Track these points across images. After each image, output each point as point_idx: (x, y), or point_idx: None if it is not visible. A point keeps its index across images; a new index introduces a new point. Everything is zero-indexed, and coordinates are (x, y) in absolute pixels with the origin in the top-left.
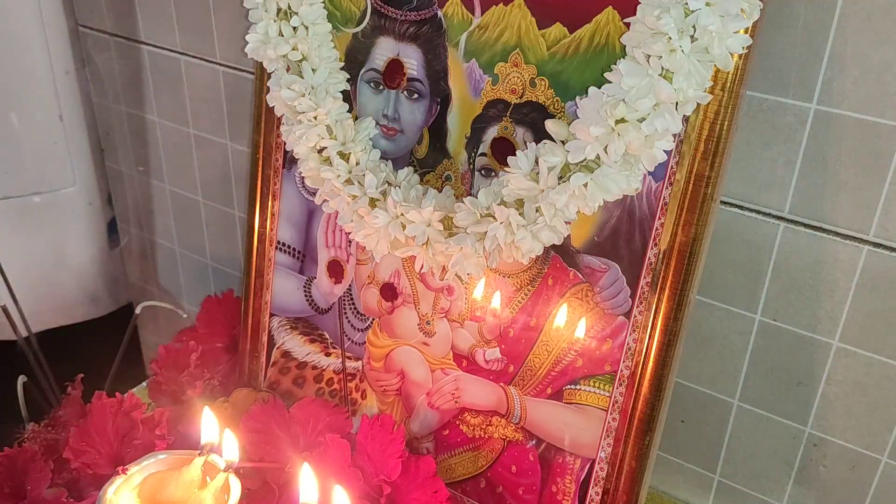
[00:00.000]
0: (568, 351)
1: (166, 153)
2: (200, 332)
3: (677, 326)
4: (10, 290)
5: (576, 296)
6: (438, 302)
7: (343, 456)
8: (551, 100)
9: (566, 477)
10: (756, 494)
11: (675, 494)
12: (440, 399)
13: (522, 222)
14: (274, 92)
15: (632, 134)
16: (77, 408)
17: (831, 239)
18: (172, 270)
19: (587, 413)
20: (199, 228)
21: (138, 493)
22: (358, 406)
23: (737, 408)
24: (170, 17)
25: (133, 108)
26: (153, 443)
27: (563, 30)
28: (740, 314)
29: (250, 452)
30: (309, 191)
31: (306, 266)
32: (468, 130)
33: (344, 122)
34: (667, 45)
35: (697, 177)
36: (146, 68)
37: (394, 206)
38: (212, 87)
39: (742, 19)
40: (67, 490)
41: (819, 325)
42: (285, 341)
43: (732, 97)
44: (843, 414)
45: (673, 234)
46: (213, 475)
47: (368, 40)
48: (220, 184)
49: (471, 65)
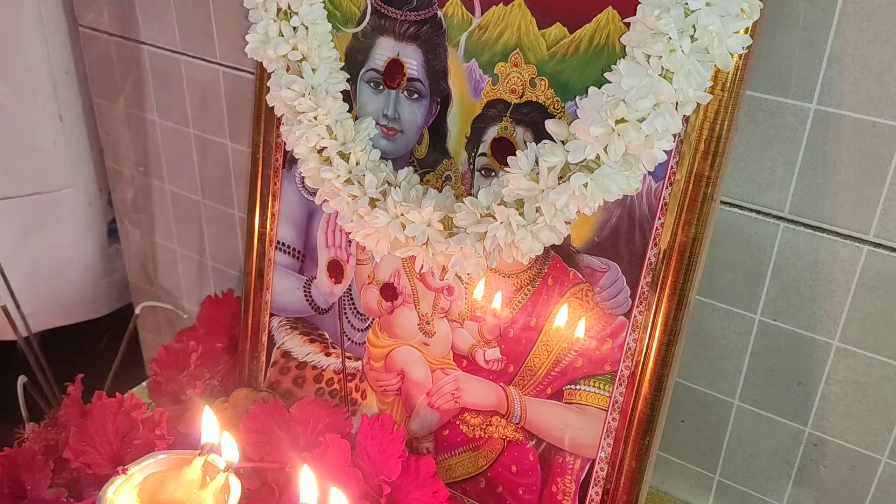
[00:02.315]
0: (568, 351)
1: (166, 153)
2: (200, 332)
3: (677, 326)
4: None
5: (576, 296)
6: (438, 302)
7: (343, 456)
8: (551, 100)
9: (566, 477)
10: (756, 494)
11: (675, 494)
12: (440, 399)
13: (522, 222)
14: (274, 92)
15: (632, 134)
16: (77, 408)
17: (831, 239)
18: (172, 270)
19: (587, 413)
20: (199, 228)
21: (138, 493)
22: (358, 406)
23: (737, 408)
24: (170, 17)
25: (133, 108)
26: (153, 443)
27: (563, 30)
28: (740, 314)
29: (250, 452)
30: (309, 191)
31: (306, 266)
32: (468, 130)
33: (344, 122)
34: (667, 45)
35: (697, 177)
36: (146, 68)
37: (394, 206)
38: (212, 87)
39: (742, 19)
40: (67, 490)
41: (819, 325)
42: (285, 341)
43: (732, 97)
44: (843, 414)
45: (673, 234)
46: (213, 475)
47: (368, 40)
48: (220, 184)
49: (471, 65)
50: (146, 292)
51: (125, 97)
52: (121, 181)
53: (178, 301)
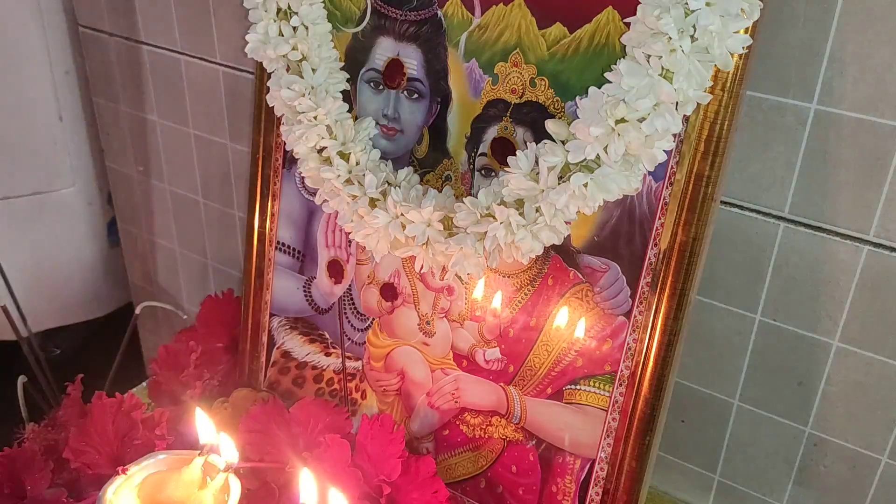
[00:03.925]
0: (568, 351)
1: (166, 153)
2: (200, 332)
3: (677, 326)
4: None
5: (576, 296)
6: (438, 302)
7: (343, 456)
8: (551, 100)
9: (566, 477)
10: (756, 494)
11: (675, 494)
12: (440, 399)
13: (522, 222)
14: (274, 92)
15: (632, 134)
16: (77, 408)
17: (831, 239)
18: (172, 270)
19: (587, 413)
20: (199, 228)
21: (138, 493)
22: (358, 406)
23: (737, 408)
24: (170, 17)
25: (133, 108)
26: (153, 443)
27: (563, 30)
28: (740, 314)
29: (250, 453)
30: (309, 191)
31: (306, 266)
32: (468, 130)
33: (344, 122)
34: (667, 45)
35: (697, 177)
36: (146, 68)
37: (394, 206)
38: (212, 87)
39: (742, 19)
40: (67, 490)
41: (819, 325)
42: (285, 341)
43: (732, 97)
44: (843, 414)
45: (673, 233)
46: (213, 475)
47: (368, 40)
48: (220, 184)
49: (471, 65)
50: (146, 292)
51: (125, 97)
52: (121, 181)
53: (177, 301)
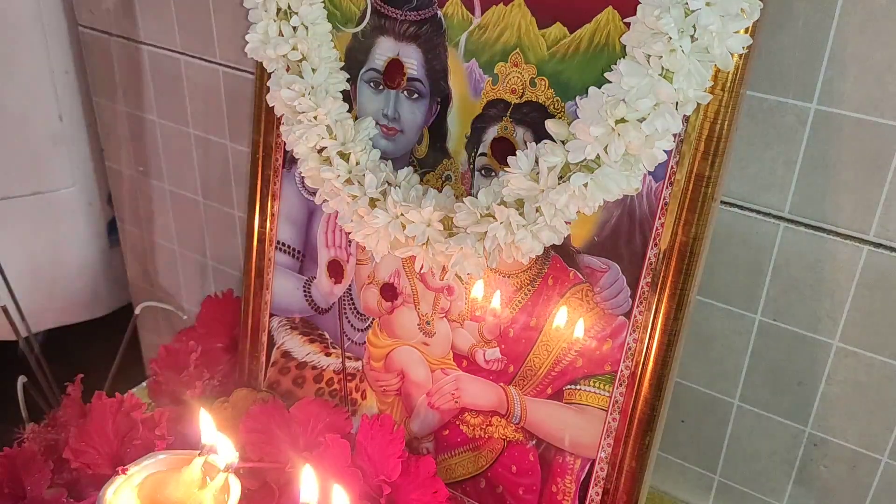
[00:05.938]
0: (568, 351)
1: (166, 153)
2: (200, 332)
3: (677, 326)
4: (9, 290)
5: (576, 296)
6: (438, 302)
7: (343, 456)
8: (551, 100)
9: (566, 477)
10: (756, 494)
11: (675, 494)
12: (440, 399)
13: (522, 222)
14: (274, 92)
15: (632, 134)
16: (77, 408)
17: (831, 239)
18: (172, 270)
19: (587, 413)
20: (199, 228)
21: (138, 493)
22: (358, 406)
23: (737, 408)
24: (170, 17)
25: (133, 108)
26: (153, 443)
27: (563, 30)
28: (740, 314)
29: (250, 453)
30: (309, 191)
31: (306, 266)
32: (468, 130)
33: (344, 122)
34: (667, 45)
35: (697, 177)
36: (146, 68)
37: (394, 206)
38: (212, 87)
39: (742, 19)
40: (67, 490)
41: (819, 325)
42: (285, 341)
43: (732, 97)
44: (843, 414)
45: (673, 234)
46: (213, 475)
47: (368, 40)
48: (220, 184)
49: (471, 65)
50: (146, 292)
51: (125, 97)
52: (121, 181)
53: (177, 301)
